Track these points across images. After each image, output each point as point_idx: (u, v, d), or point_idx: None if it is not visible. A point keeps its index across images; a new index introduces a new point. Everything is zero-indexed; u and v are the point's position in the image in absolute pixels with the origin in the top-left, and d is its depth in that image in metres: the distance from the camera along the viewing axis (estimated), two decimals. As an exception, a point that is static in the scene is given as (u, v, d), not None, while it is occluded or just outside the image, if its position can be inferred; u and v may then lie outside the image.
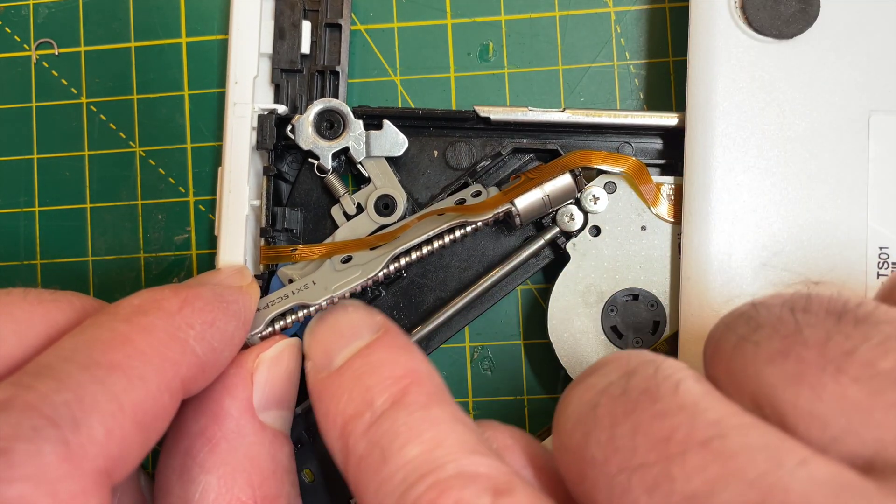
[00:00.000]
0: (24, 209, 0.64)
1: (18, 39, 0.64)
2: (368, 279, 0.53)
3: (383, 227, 0.57)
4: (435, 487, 0.36)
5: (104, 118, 0.63)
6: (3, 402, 0.36)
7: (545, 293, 0.60)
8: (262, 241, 0.56)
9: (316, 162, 0.56)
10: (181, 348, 0.43)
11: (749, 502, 0.29)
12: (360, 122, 0.56)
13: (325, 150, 0.56)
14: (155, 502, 0.48)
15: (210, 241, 0.63)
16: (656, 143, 0.58)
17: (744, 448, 0.31)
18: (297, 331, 0.56)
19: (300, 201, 0.59)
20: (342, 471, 0.42)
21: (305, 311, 0.53)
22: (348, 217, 0.58)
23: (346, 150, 0.57)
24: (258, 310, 0.53)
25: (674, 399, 0.33)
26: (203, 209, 0.63)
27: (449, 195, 0.58)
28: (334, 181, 0.57)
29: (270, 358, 0.51)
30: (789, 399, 0.33)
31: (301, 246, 0.56)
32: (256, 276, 0.55)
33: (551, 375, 0.61)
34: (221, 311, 0.47)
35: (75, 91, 0.64)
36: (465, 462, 0.37)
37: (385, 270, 0.53)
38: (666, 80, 0.62)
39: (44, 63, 0.64)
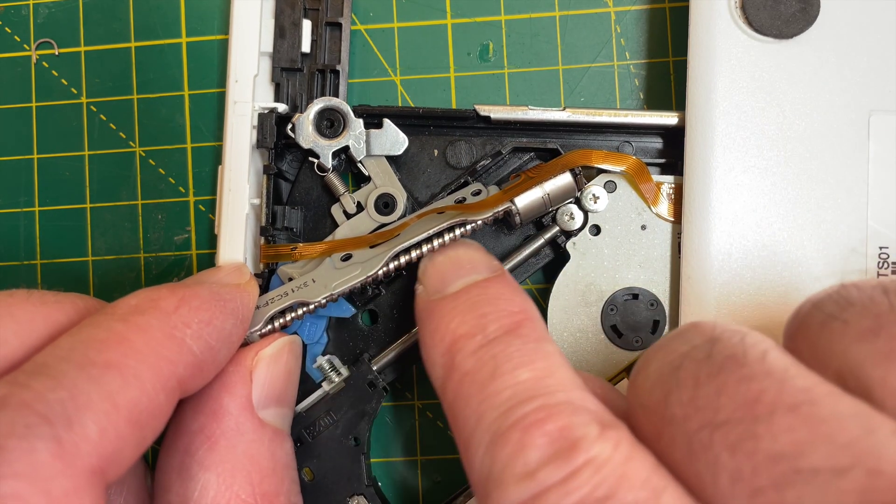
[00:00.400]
0: (24, 209, 0.64)
1: (18, 39, 0.64)
2: (368, 277, 0.53)
3: (383, 225, 0.57)
4: (544, 409, 0.37)
5: (104, 118, 0.63)
6: None
7: (545, 293, 0.60)
8: (262, 240, 0.56)
9: (316, 161, 0.56)
10: (177, 347, 0.43)
11: (840, 465, 0.29)
12: (361, 121, 0.56)
13: (326, 149, 0.56)
14: (155, 500, 0.48)
15: (210, 241, 0.63)
16: (656, 143, 0.58)
17: (835, 414, 0.31)
18: (297, 329, 0.56)
19: (300, 200, 0.59)
20: (439, 388, 0.43)
21: (305, 308, 0.53)
22: (348, 216, 0.58)
23: (346, 149, 0.57)
24: (257, 307, 0.53)
25: (761, 365, 0.34)
26: (203, 209, 0.63)
27: (449, 194, 0.58)
28: (334, 180, 0.57)
29: (269, 355, 0.51)
30: (878, 375, 0.33)
31: (301, 244, 0.56)
32: (256, 275, 0.55)
33: (551, 375, 0.61)
34: (218, 309, 0.47)
35: (75, 91, 0.64)
36: (574, 395, 0.38)
37: (385, 269, 0.53)
38: (666, 80, 0.62)
39: (44, 63, 0.64)
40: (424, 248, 0.54)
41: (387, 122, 0.57)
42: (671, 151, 0.58)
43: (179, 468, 0.47)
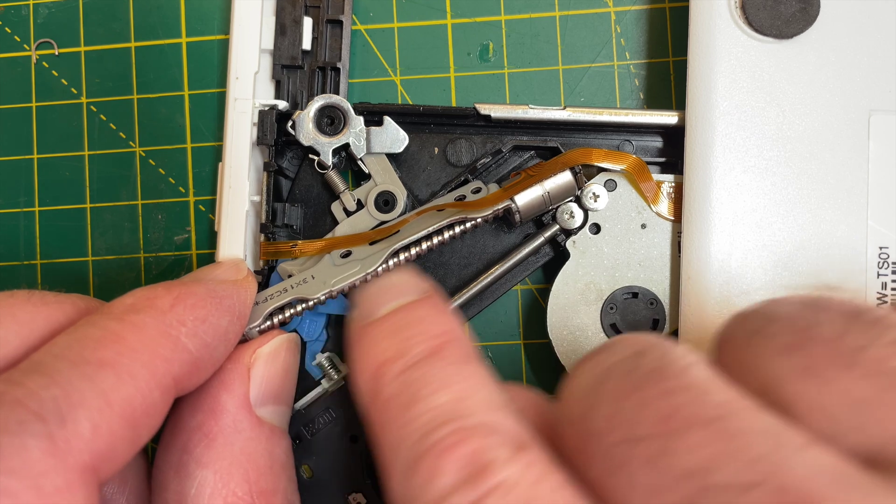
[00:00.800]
0: (24, 209, 0.64)
1: (18, 39, 0.64)
2: (367, 274, 0.53)
3: (383, 223, 0.57)
4: (457, 433, 0.36)
5: (104, 118, 0.64)
6: None
7: (545, 293, 0.60)
8: (262, 237, 0.56)
9: (316, 158, 0.56)
10: (172, 345, 0.43)
11: (748, 481, 0.29)
12: (361, 119, 0.56)
13: (326, 147, 0.56)
14: (152, 498, 0.48)
15: (210, 241, 0.63)
16: (657, 142, 0.58)
17: (747, 429, 0.31)
18: (297, 326, 0.56)
19: (300, 197, 0.59)
20: (367, 412, 0.42)
21: (304, 305, 0.53)
22: (348, 213, 0.58)
23: (346, 147, 0.57)
24: (256, 303, 0.53)
25: (681, 379, 0.33)
26: (203, 209, 0.63)
27: (449, 192, 0.58)
28: (334, 177, 0.57)
29: (267, 353, 0.51)
30: (797, 390, 0.33)
31: (301, 242, 0.56)
32: (256, 272, 0.55)
33: (551, 375, 0.61)
34: (215, 306, 0.47)
35: (75, 91, 0.64)
36: (490, 416, 0.38)
37: (384, 266, 0.53)
38: (666, 80, 0.62)
39: (44, 63, 0.64)
40: (424, 245, 0.54)
41: (387, 119, 0.57)
42: (671, 150, 0.58)
43: (177, 465, 0.47)
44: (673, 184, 0.56)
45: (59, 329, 0.44)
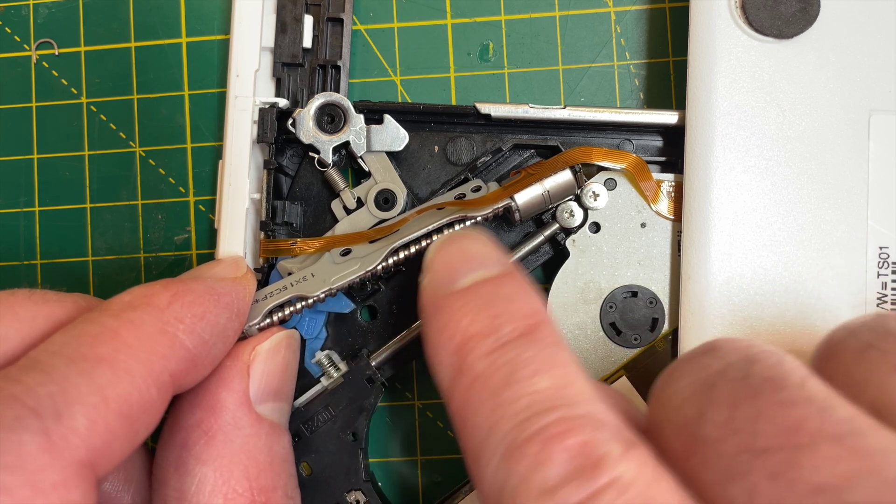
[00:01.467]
0: (24, 209, 0.64)
1: (18, 39, 0.64)
2: (367, 272, 0.53)
3: (383, 221, 0.57)
4: (564, 422, 0.35)
5: (104, 118, 0.64)
6: None
7: (545, 293, 0.60)
8: (262, 235, 0.56)
9: (316, 156, 0.56)
10: (170, 342, 0.44)
11: (887, 500, 0.29)
12: (361, 117, 0.56)
13: (326, 144, 0.56)
14: (152, 495, 0.48)
15: (210, 240, 0.63)
16: (657, 141, 0.58)
17: (881, 448, 0.30)
18: (297, 324, 0.56)
19: (300, 195, 0.59)
20: (445, 390, 0.42)
21: (304, 302, 0.54)
22: (348, 211, 0.58)
23: (346, 145, 0.57)
24: (255, 301, 0.53)
25: (801, 391, 0.33)
26: (203, 209, 0.63)
27: (449, 190, 0.58)
28: (334, 175, 0.57)
29: (267, 350, 0.51)
30: None
31: (300, 239, 0.56)
32: (256, 270, 0.55)
33: (551, 375, 0.61)
34: (213, 303, 0.47)
35: (75, 91, 0.64)
36: (595, 408, 0.37)
37: (384, 263, 0.53)
38: (666, 80, 0.62)
39: (44, 63, 0.64)
40: (424, 244, 0.54)
41: (387, 117, 0.57)
42: (671, 150, 0.57)
43: (176, 462, 0.47)
44: (673, 183, 0.56)
45: (59, 327, 0.44)
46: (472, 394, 0.39)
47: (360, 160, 0.57)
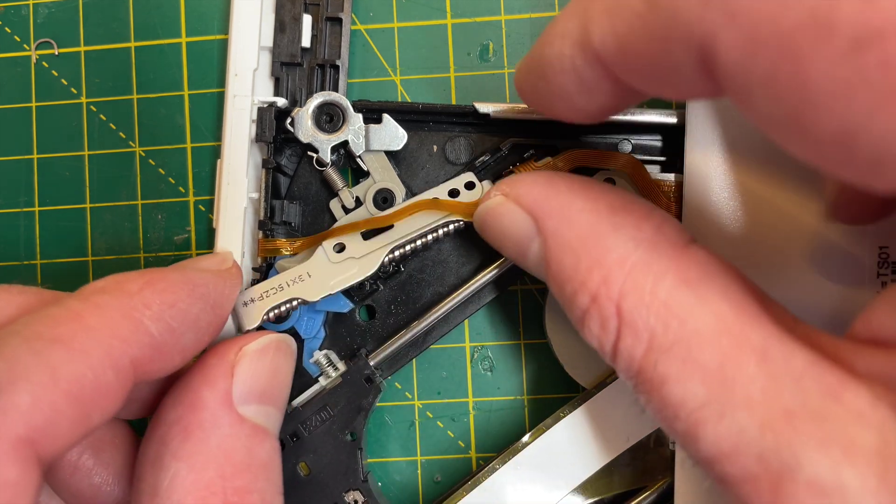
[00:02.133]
0: (24, 209, 0.64)
1: (18, 39, 0.64)
2: (366, 277, 0.53)
3: (381, 221, 0.57)
4: None
5: (104, 118, 0.64)
6: None
7: (545, 293, 0.60)
8: (261, 234, 0.56)
9: (315, 155, 0.56)
10: (133, 327, 0.43)
11: None
12: (360, 116, 0.56)
13: (325, 144, 0.56)
14: (132, 490, 0.48)
15: (210, 240, 0.63)
16: (656, 141, 0.58)
17: None
18: (295, 323, 0.56)
19: (299, 194, 0.58)
20: None
21: (301, 299, 0.54)
22: (347, 210, 0.57)
23: (345, 144, 0.57)
24: (252, 301, 0.53)
25: None
26: (203, 209, 0.63)
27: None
28: (333, 175, 0.57)
29: (254, 351, 0.51)
30: None
31: (298, 238, 0.56)
32: (254, 269, 0.56)
33: (551, 375, 0.61)
34: (186, 293, 0.47)
35: (75, 91, 0.64)
36: None
37: (382, 264, 0.54)
38: (666, 79, 0.62)
39: (44, 63, 0.64)
40: (419, 243, 0.54)
41: (386, 117, 0.57)
42: (671, 150, 0.57)
43: (154, 458, 0.47)
44: (672, 183, 0.56)
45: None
46: None
47: (358, 159, 0.57)
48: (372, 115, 0.57)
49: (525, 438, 0.57)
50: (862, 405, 0.36)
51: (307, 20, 0.58)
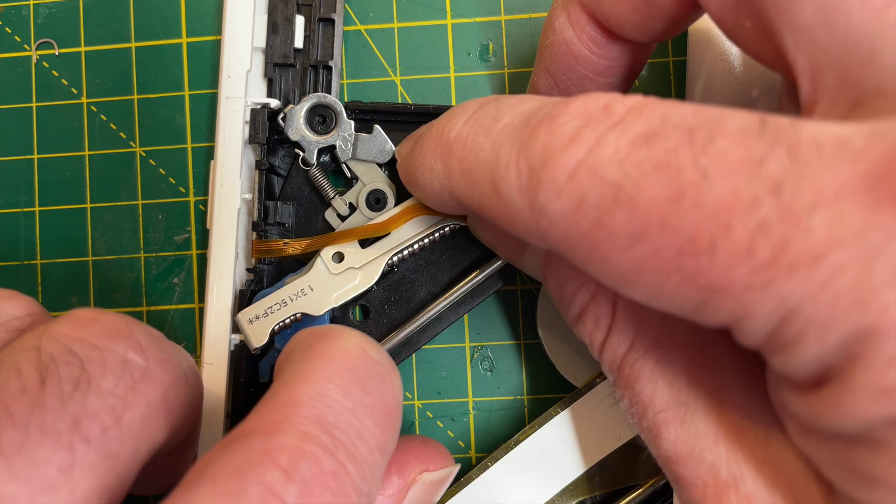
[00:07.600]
0: (24, 209, 0.64)
1: (18, 39, 0.64)
2: (370, 287, 0.54)
3: (378, 223, 0.57)
4: None
5: (104, 118, 0.64)
6: None
7: (542, 289, 0.60)
8: (254, 235, 0.56)
9: (301, 153, 0.56)
10: None
11: None
12: (352, 124, 0.56)
13: (312, 145, 0.56)
14: None
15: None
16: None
17: None
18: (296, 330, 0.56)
19: (292, 195, 0.58)
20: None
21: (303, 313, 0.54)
22: (342, 218, 0.57)
23: (332, 148, 0.57)
24: (257, 318, 0.53)
25: None
26: (203, 209, 0.63)
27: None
28: (319, 177, 0.57)
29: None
30: None
31: (291, 239, 0.56)
32: (248, 270, 0.56)
33: (551, 375, 0.61)
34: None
35: (75, 91, 0.64)
36: None
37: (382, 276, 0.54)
38: (666, 80, 0.61)
39: (44, 63, 0.64)
40: (417, 247, 0.54)
41: (377, 128, 0.56)
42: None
43: None
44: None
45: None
46: None
47: (343, 165, 0.57)
48: (364, 116, 0.57)
49: (517, 437, 0.57)
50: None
51: (300, 21, 0.58)
